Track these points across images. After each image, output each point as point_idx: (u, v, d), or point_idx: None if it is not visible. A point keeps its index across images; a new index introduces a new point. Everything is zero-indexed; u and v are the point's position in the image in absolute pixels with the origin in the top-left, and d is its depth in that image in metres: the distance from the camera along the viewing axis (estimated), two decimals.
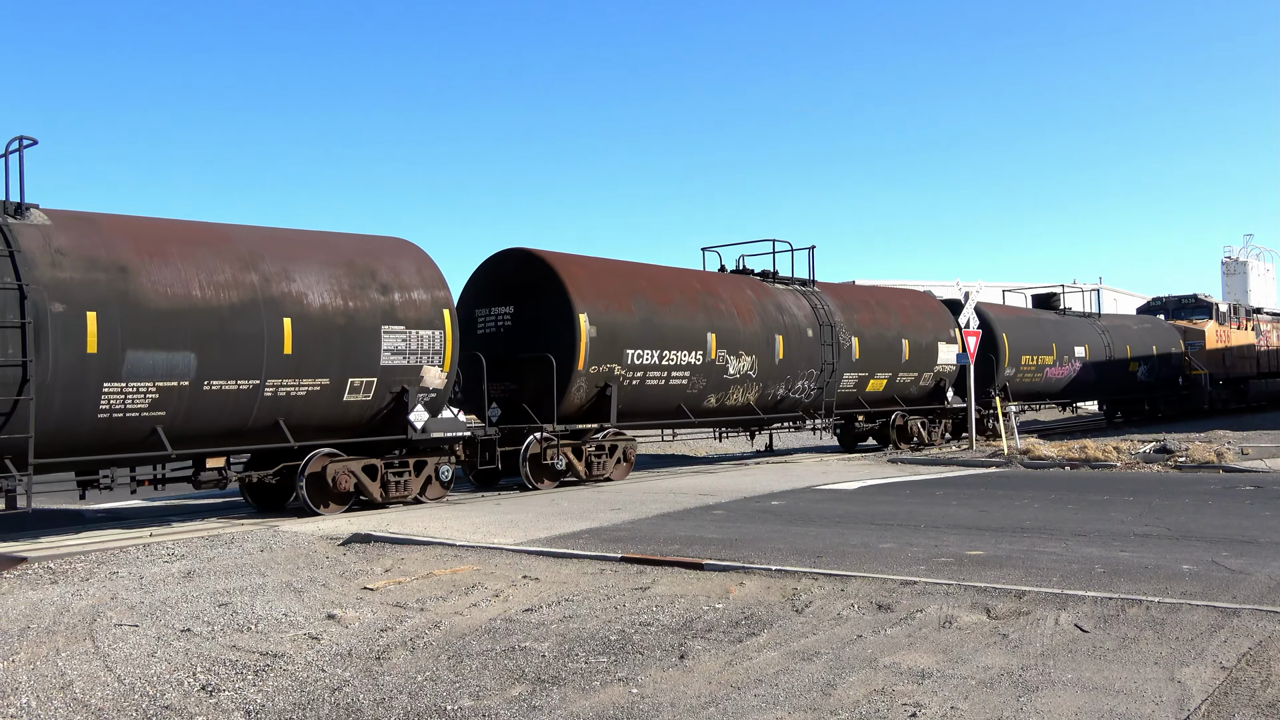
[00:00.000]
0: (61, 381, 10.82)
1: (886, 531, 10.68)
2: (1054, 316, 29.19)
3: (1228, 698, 5.17)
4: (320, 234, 13.93)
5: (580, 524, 11.64)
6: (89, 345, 10.99)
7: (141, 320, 11.35)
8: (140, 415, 11.45)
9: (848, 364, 21.13)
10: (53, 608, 7.98)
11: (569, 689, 5.65)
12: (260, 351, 12.21)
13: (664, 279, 18.05)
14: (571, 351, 15.66)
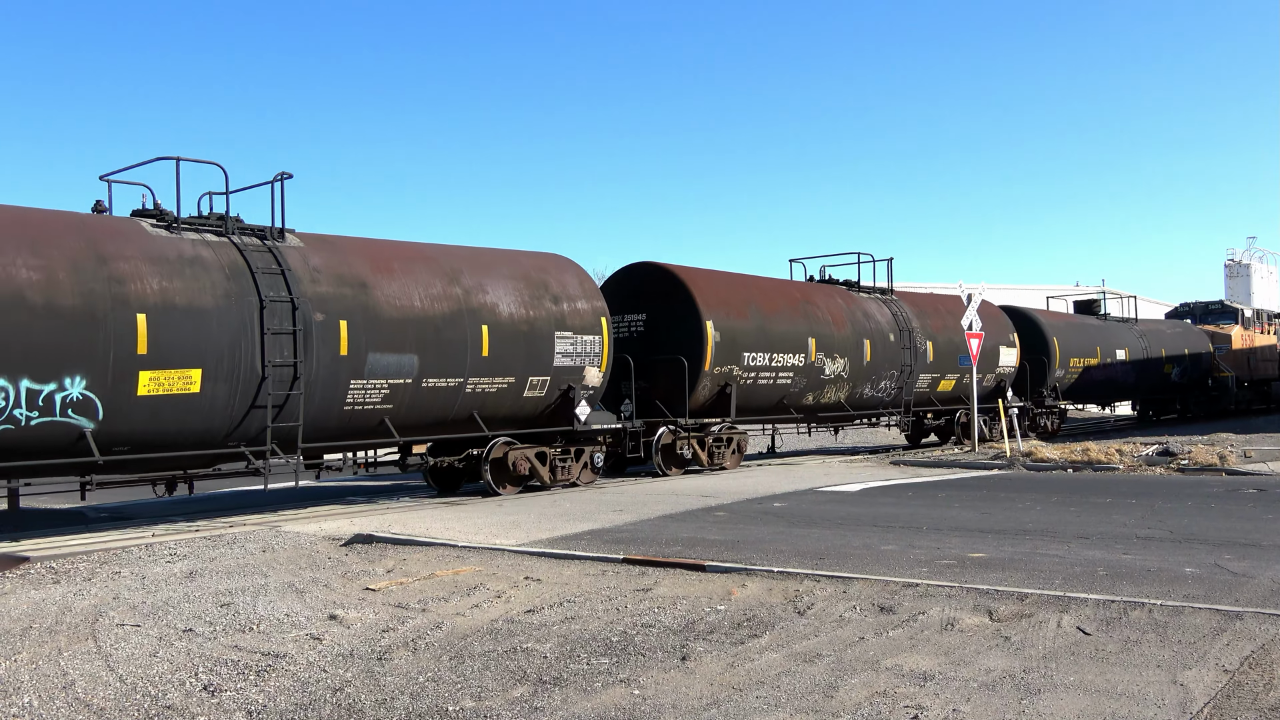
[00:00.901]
0: (320, 379, 12.85)
1: (889, 533, 10.68)
2: (1096, 321, 31.28)
3: (1230, 701, 5.16)
4: (502, 251, 16.28)
5: (582, 525, 11.65)
6: (341, 349, 13.03)
7: (379, 327, 13.41)
8: (374, 408, 13.55)
9: (923, 366, 23.16)
10: (55, 607, 7.99)
11: (571, 690, 5.65)
12: (464, 354, 14.33)
13: (770, 289, 20.21)
14: (699, 354, 17.76)
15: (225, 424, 12.19)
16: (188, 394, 11.72)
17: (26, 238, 11.00)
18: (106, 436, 11.26)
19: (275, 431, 12.48)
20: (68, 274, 11.00)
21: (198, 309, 11.82)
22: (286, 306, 12.44)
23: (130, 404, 11.32)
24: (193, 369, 11.75)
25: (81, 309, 10.98)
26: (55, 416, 10.89)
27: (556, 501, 14.34)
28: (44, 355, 10.72)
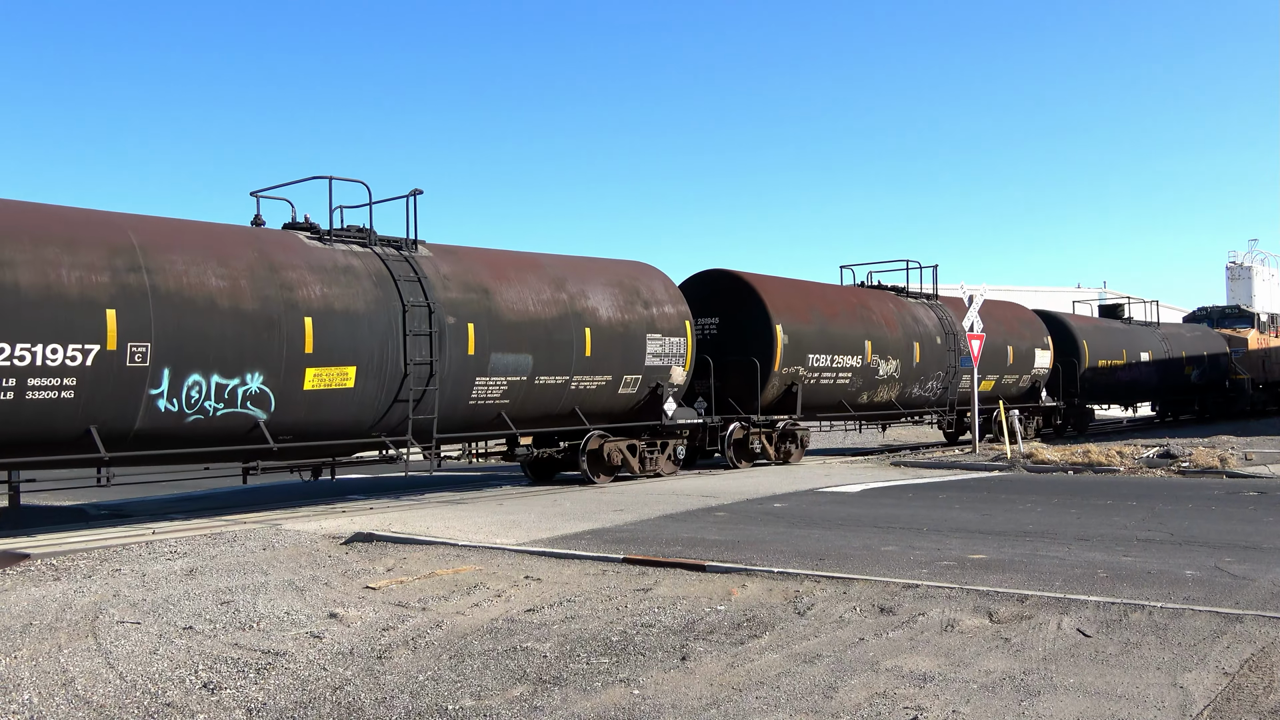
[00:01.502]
0: (451, 376, 14.24)
1: (889, 534, 10.68)
2: (1121, 325, 32.79)
3: (1230, 704, 5.16)
4: (597, 259, 17.77)
5: (582, 525, 11.65)
6: (469, 349, 14.41)
7: (499, 330, 14.84)
8: (494, 403, 15.00)
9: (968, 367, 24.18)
10: (55, 604, 8.00)
11: (570, 690, 5.65)
12: (570, 354, 15.77)
13: (830, 294, 21.71)
14: (769, 355, 19.07)
15: (372, 416, 13.65)
16: (344, 389, 13.20)
17: (214, 250, 12.33)
18: (275, 426, 12.62)
19: (414, 423, 13.94)
20: (248, 282, 12.35)
21: (353, 313, 13.26)
22: (424, 311, 13.88)
23: (297, 397, 12.71)
24: (349, 366, 13.22)
25: (260, 313, 12.34)
26: (236, 408, 12.23)
27: (557, 501, 14.35)
28: (230, 354, 12.06)
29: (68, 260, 11.01)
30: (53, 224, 11.34)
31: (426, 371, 13.84)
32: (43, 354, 10.64)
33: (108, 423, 11.30)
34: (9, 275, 10.53)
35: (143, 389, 11.42)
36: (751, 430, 19.47)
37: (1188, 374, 34.60)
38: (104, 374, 11.09)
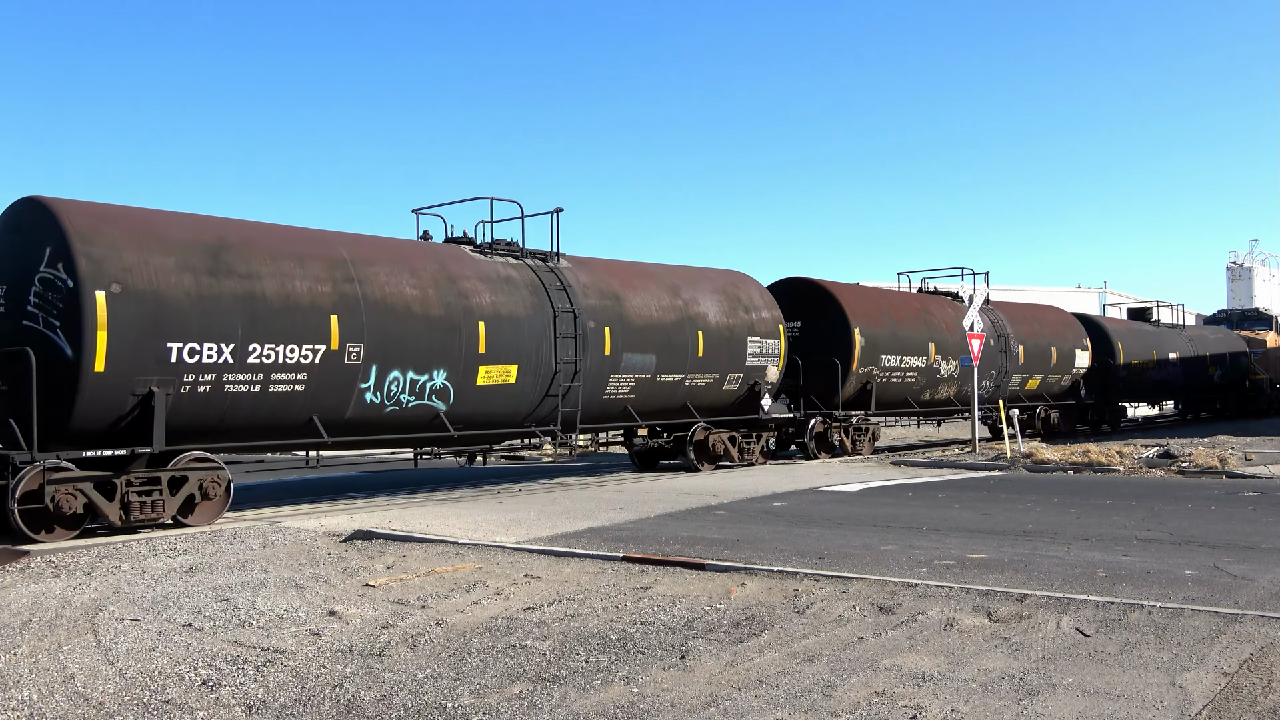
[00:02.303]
0: (591, 374, 16.17)
1: (889, 534, 10.68)
2: (1150, 327, 34.65)
3: (1229, 703, 5.16)
4: (701, 269, 19.82)
5: (582, 523, 11.65)
6: (606, 349, 16.38)
7: (630, 332, 16.83)
8: (622, 397, 17.02)
9: (1016, 367, 26.72)
10: (55, 601, 8.00)
11: (570, 688, 5.65)
12: (686, 354, 17.79)
13: (897, 300, 23.82)
14: (848, 356, 21.10)
15: (527, 408, 15.59)
16: (507, 384, 15.10)
17: (405, 263, 14.22)
18: (452, 416, 14.46)
19: (561, 415, 15.85)
20: (434, 291, 14.22)
21: (515, 318, 15.13)
22: (570, 316, 15.78)
23: (470, 391, 14.61)
24: (512, 365, 15.10)
25: (444, 318, 14.21)
26: (424, 400, 14.09)
27: (556, 499, 14.36)
28: (422, 353, 13.90)
29: (299, 273, 12.84)
30: (285, 241, 13.16)
31: (572, 370, 15.83)
32: (283, 353, 12.45)
33: (327, 412, 13.13)
34: (258, 286, 12.35)
35: (355, 383, 13.30)
36: (832, 424, 21.47)
37: (1211, 374, 36.32)
38: (327, 370, 12.92)
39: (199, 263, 11.99)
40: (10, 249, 11.72)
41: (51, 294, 11.15)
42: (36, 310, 11.26)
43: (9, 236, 11.82)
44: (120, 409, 11.40)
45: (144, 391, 11.43)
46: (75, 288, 10.98)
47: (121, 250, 11.41)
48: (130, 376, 11.31)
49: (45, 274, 11.20)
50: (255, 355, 12.16)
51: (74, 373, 10.98)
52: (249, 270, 12.33)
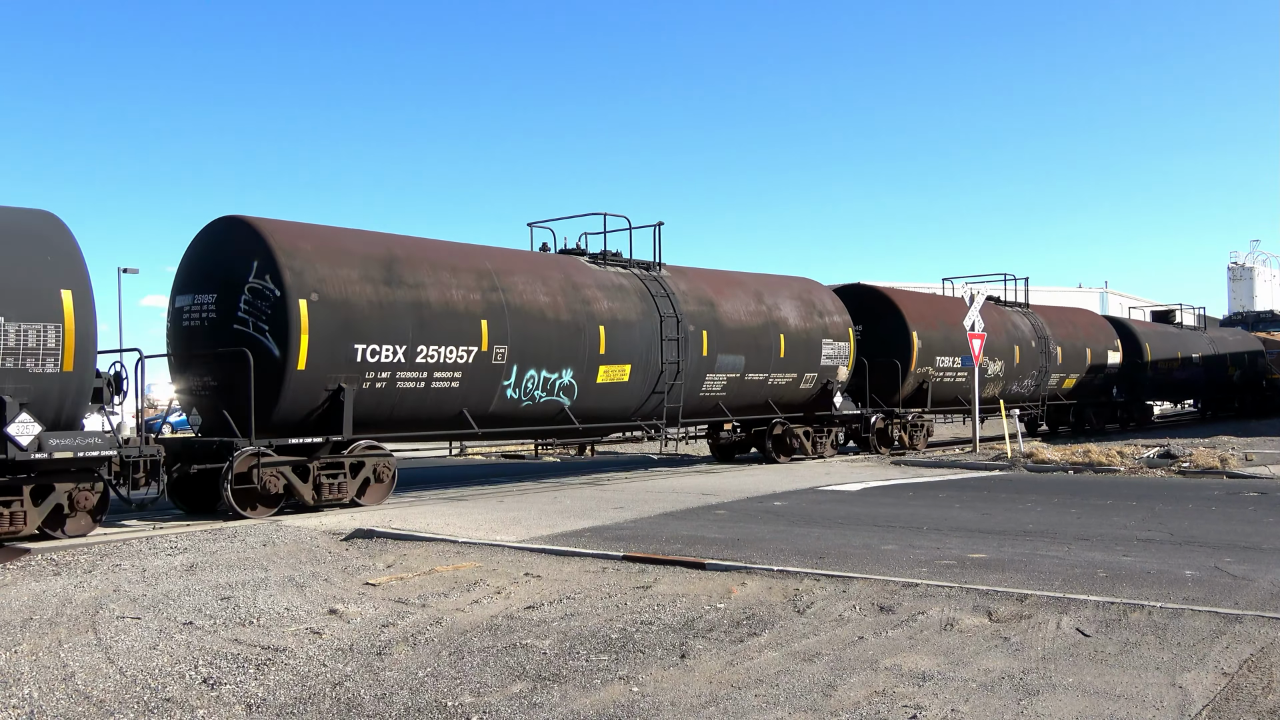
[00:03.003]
0: (690, 373, 18.03)
1: (889, 533, 10.67)
2: (1174, 329, 36.35)
3: (1229, 704, 5.16)
4: (779, 276, 21.57)
5: (582, 522, 11.65)
6: (703, 351, 18.23)
7: (723, 335, 18.64)
8: (715, 395, 18.84)
9: (1054, 366, 28.48)
10: (55, 599, 8.00)
11: (570, 687, 5.65)
12: (770, 356, 19.63)
13: (949, 304, 25.50)
14: (907, 357, 23.07)
15: (636, 404, 17.41)
16: (622, 382, 16.88)
17: (537, 272, 15.96)
18: (575, 410, 16.22)
19: (666, 410, 17.71)
20: (562, 298, 15.99)
21: (628, 322, 16.93)
22: (674, 321, 17.64)
23: (591, 388, 16.36)
24: (626, 364, 16.87)
25: (571, 322, 15.96)
26: (553, 396, 15.84)
27: (557, 498, 14.36)
28: (553, 353, 15.61)
29: (454, 282, 14.55)
30: (441, 254, 14.93)
31: (675, 369, 17.66)
32: (443, 353, 14.14)
33: (475, 406, 14.83)
34: (423, 294, 14.04)
35: (499, 380, 15.02)
36: (892, 421, 23.03)
37: (1230, 374, 38.03)
38: (477, 369, 14.61)
39: (376, 274, 13.70)
40: (216, 262, 13.25)
41: (260, 302, 12.79)
42: (247, 316, 12.87)
43: (213, 252, 13.38)
44: (314, 402, 13.11)
45: (334, 387, 13.17)
46: (282, 296, 12.65)
47: (316, 263, 13.11)
48: (324, 374, 13.03)
49: (254, 284, 12.79)
50: (422, 355, 13.94)
51: (280, 370, 12.67)
52: (416, 280, 14.09)
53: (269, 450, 12.73)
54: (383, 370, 13.53)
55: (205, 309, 13.23)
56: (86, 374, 10.96)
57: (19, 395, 10.41)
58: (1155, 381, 33.16)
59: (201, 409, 13.26)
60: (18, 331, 10.43)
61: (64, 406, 10.83)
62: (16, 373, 10.41)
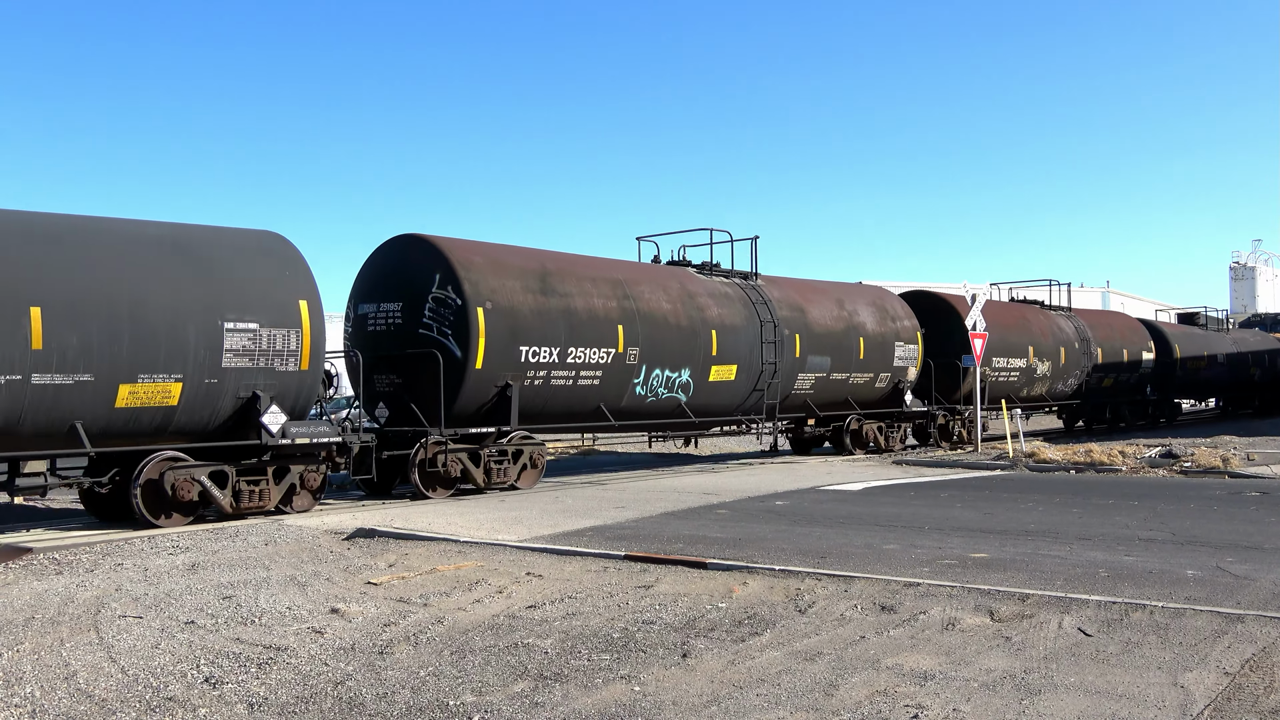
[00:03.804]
0: (784, 373, 19.83)
1: (890, 533, 10.67)
2: (1200, 330, 38.01)
3: (1230, 703, 5.16)
4: (855, 285, 23.90)
5: (584, 521, 11.65)
6: (795, 353, 20.11)
7: (811, 338, 20.53)
8: (804, 393, 20.82)
9: (1095, 367, 30.17)
10: (57, 598, 8.01)
11: (571, 686, 5.65)
12: (851, 357, 21.47)
13: (1003, 309, 27.32)
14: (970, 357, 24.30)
15: (740, 400, 19.27)
16: (729, 381, 18.77)
17: (658, 282, 17.99)
18: (690, 406, 18.17)
19: (765, 407, 19.61)
20: (680, 305, 17.97)
21: (734, 326, 18.78)
22: (771, 326, 19.47)
23: (704, 386, 18.30)
24: (733, 365, 18.74)
25: (688, 327, 17.92)
26: (673, 393, 17.85)
27: (559, 498, 14.36)
28: (674, 354, 17.60)
29: (595, 292, 16.56)
30: (582, 267, 16.94)
31: (773, 370, 19.49)
32: (588, 354, 16.14)
33: (610, 401, 16.84)
34: (572, 303, 16.07)
35: (630, 379, 17.02)
36: (953, 417, 24.65)
37: (1252, 373, 39.87)
38: (614, 369, 16.61)
39: (534, 285, 15.67)
40: (400, 274, 15.14)
41: (444, 309, 14.66)
42: (431, 321, 14.73)
43: (396, 265, 15.27)
44: (485, 397, 15.04)
45: (503, 384, 15.11)
46: (463, 305, 14.56)
47: (487, 276, 15.02)
48: (495, 372, 14.95)
49: (437, 294, 14.70)
50: (572, 357, 15.94)
51: (461, 369, 14.56)
52: (565, 290, 16.09)
53: (449, 440, 14.64)
54: (540, 369, 15.53)
55: (391, 315, 15.08)
56: (318, 372, 12.94)
57: (268, 390, 12.34)
58: (1184, 380, 35.08)
59: (388, 402, 15.02)
60: (269, 336, 12.33)
61: (299, 399, 12.75)
62: (266, 371, 12.35)
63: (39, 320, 10.67)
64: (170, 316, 11.58)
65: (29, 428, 10.80)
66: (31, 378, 10.61)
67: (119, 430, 11.46)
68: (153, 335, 11.43)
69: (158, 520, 11.81)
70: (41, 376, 10.68)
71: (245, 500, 12.42)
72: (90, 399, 11.04)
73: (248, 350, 12.11)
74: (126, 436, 11.60)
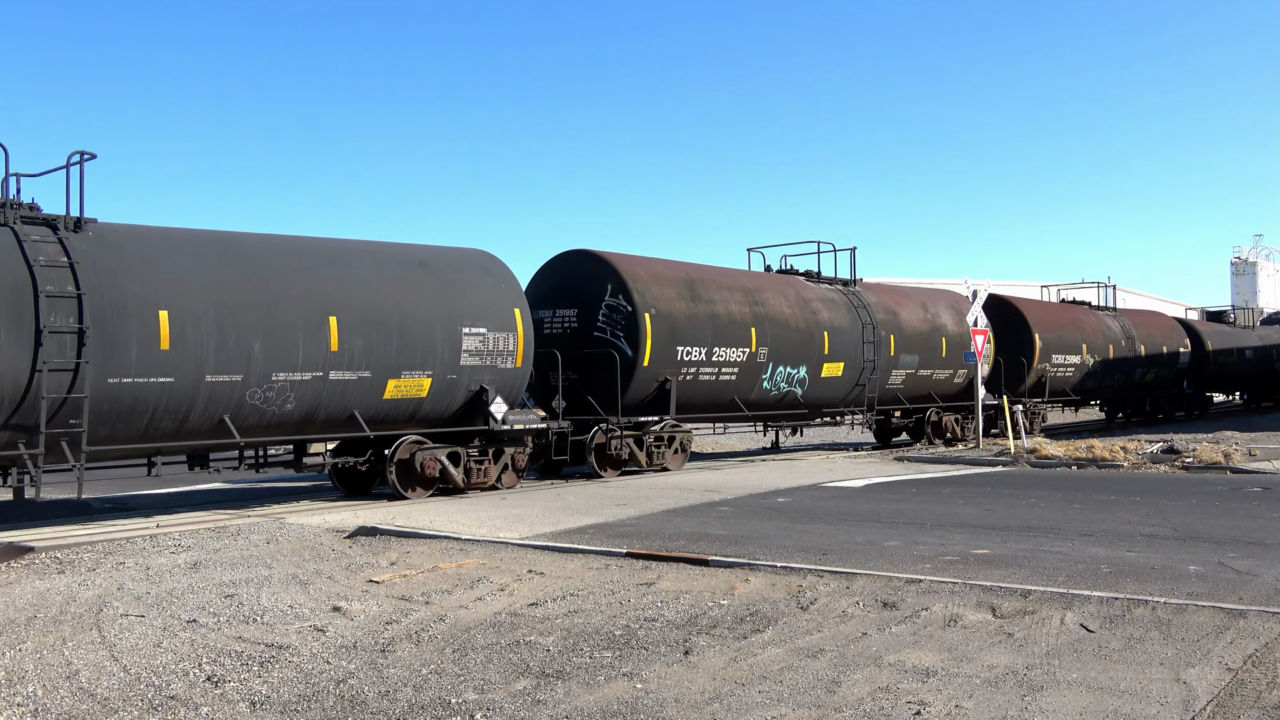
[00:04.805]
0: (880, 369, 22.12)
1: (892, 529, 10.67)
2: (1228, 328, 40.27)
3: (1233, 699, 5.15)
4: (936, 289, 26.50)
5: (586, 519, 11.65)
6: (890, 352, 22.33)
7: (903, 339, 22.72)
8: (895, 388, 22.95)
9: (1139, 363, 32.37)
10: (59, 597, 8.01)
11: (573, 683, 5.65)
12: (935, 355, 23.72)
13: (1059, 309, 30.04)
14: (1030, 355, 26.78)
15: (844, 393, 21.53)
16: (837, 376, 21.03)
17: (778, 290, 20.28)
18: (804, 398, 20.49)
19: (866, 399, 21.79)
20: (798, 309, 20.30)
21: (841, 328, 21.07)
22: (870, 327, 21.66)
23: (817, 381, 20.62)
24: (840, 362, 20.96)
25: (804, 329, 20.18)
26: (791, 388, 20.06)
27: (560, 495, 14.36)
28: (794, 353, 19.88)
29: (731, 299, 18.87)
30: (719, 276, 19.40)
31: (872, 367, 21.69)
32: (728, 353, 18.48)
33: (742, 394, 19.12)
34: (715, 309, 18.40)
35: (759, 375, 19.25)
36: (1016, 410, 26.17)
37: (1276, 368, 41.47)
38: (748, 366, 18.92)
39: (685, 293, 18.05)
40: (575, 285, 17.56)
41: (616, 315, 17.07)
42: (605, 325, 17.18)
43: (570, 277, 17.66)
44: (649, 391, 17.41)
45: (663, 379, 17.46)
46: (633, 311, 16.95)
47: (650, 286, 17.45)
48: (658, 369, 17.30)
49: (610, 302, 17.13)
50: (716, 356, 18.25)
51: (631, 366, 16.96)
52: (709, 297, 18.45)
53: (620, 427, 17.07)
54: (691, 366, 17.85)
55: (567, 320, 17.53)
56: (528, 368, 15.25)
57: (492, 384, 14.68)
58: (1215, 374, 37.52)
59: (565, 395, 16.79)
60: (493, 339, 14.70)
61: (513, 392, 15.07)
62: (491, 368, 14.70)
63: (335, 328, 13.01)
64: (424, 323, 13.94)
65: (322, 416, 13.10)
66: (329, 374, 12.95)
67: (382, 418, 13.74)
68: (413, 339, 13.76)
69: (406, 493, 14.00)
70: (336, 373, 13.03)
71: (474, 477, 14.79)
72: (366, 392, 13.37)
73: (479, 351, 14.55)
74: (386, 423, 13.87)
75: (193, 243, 12.50)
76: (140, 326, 11.31)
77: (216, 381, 11.88)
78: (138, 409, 11.37)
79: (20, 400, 10.61)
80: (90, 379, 10.87)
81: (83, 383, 10.83)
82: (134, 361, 11.25)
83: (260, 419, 12.46)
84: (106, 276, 11.23)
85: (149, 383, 11.35)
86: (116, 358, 11.13)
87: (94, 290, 11.04)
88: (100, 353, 10.98)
